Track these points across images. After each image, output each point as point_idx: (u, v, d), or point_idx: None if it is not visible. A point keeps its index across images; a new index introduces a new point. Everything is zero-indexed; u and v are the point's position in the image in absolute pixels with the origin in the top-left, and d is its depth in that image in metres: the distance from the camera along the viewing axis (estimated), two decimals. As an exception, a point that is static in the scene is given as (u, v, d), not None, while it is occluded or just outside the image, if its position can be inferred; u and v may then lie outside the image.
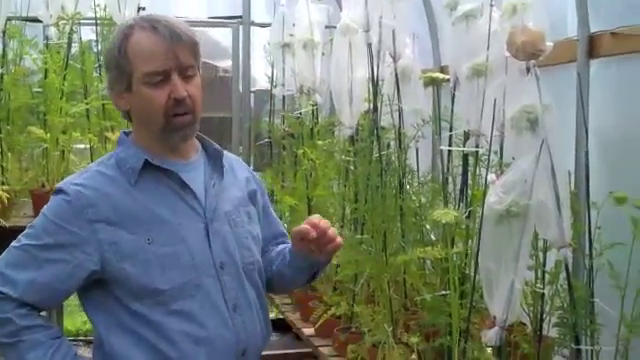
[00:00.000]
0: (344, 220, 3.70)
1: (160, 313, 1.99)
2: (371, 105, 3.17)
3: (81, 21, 4.54)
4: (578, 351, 2.29)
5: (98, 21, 4.55)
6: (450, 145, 2.84)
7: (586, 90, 2.66)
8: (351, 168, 3.54)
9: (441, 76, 2.65)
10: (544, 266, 2.55)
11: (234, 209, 2.16)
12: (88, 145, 4.46)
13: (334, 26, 3.45)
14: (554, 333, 2.48)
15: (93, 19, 4.56)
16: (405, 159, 3.20)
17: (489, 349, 2.43)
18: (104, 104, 4.41)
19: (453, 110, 2.85)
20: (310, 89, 4.24)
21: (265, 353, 2.25)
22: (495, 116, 2.47)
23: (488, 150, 2.58)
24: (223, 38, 5.93)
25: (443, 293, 2.60)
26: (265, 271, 2.26)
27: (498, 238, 2.17)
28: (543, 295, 2.54)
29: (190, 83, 2.02)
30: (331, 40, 3.65)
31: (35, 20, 4.51)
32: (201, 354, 2.01)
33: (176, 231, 2.03)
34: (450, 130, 2.87)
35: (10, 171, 4.40)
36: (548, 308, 2.54)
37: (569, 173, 2.39)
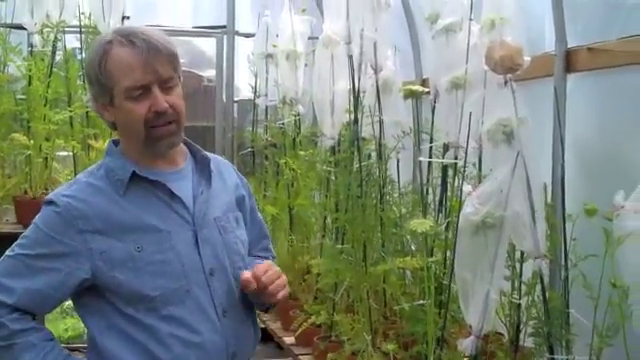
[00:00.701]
0: (325, 230, 3.72)
1: (152, 317, 2.03)
2: (352, 116, 3.20)
3: (65, 29, 4.54)
4: (553, 360, 2.33)
5: (82, 29, 4.55)
6: (430, 157, 2.88)
7: (563, 104, 2.70)
8: (332, 178, 3.57)
9: (420, 89, 2.68)
10: (521, 277, 2.59)
11: (223, 215, 2.20)
12: (71, 152, 4.46)
13: (317, 37, 3.48)
14: (531, 343, 2.51)
15: (77, 27, 4.56)
16: (385, 170, 3.23)
17: (465, 358, 2.46)
18: (88, 112, 4.41)
19: (433, 122, 2.89)
20: (293, 99, 4.27)
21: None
22: (473, 129, 2.51)
23: (464, 162, 2.61)
24: (208, 48, 5.95)
25: (421, 302, 2.63)
26: None
27: (474, 248, 2.20)
28: (519, 305, 2.57)
29: (171, 93, 2.05)
30: (313, 51, 3.68)
31: (20, 27, 4.51)
32: (192, 358, 2.04)
33: (165, 239, 2.06)
34: (430, 142, 2.90)
35: (-7, 178, 4.40)
36: (525, 318, 2.58)
37: (545, 185, 2.44)
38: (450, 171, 2.83)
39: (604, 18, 2.72)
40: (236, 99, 5.74)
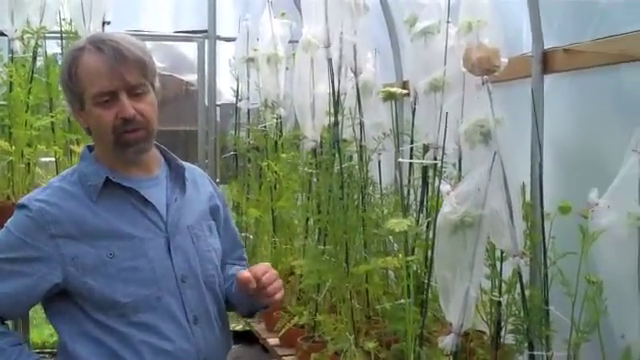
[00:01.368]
0: (307, 231, 3.75)
1: (123, 324, 2.04)
2: (332, 119, 3.23)
3: (46, 35, 4.53)
4: (532, 357, 2.36)
5: (63, 35, 4.55)
6: (411, 158, 2.91)
7: (540, 104, 2.73)
8: (314, 180, 3.59)
9: (399, 91, 2.70)
10: (501, 275, 2.62)
11: (196, 223, 2.21)
12: (54, 158, 4.45)
13: (297, 40, 3.50)
14: (511, 340, 2.54)
15: (58, 33, 4.56)
16: (367, 171, 3.25)
17: (446, 356, 2.49)
18: (69, 117, 4.40)
19: (414, 123, 2.92)
20: (274, 103, 4.29)
21: (232, 366, 2.29)
22: (452, 130, 2.54)
23: (441, 162, 2.64)
24: (189, 52, 5.95)
25: (402, 302, 2.66)
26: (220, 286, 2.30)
27: (453, 247, 2.23)
28: (500, 303, 2.61)
29: (141, 101, 2.06)
30: (294, 55, 3.70)
31: (0, 34, 4.51)
32: None
33: (137, 246, 2.07)
34: (411, 143, 2.93)
35: (-25, 184, 4.39)
36: (505, 316, 2.61)
37: (523, 184, 2.47)
38: (430, 172, 2.86)
39: (578, 18, 2.75)
40: (218, 103, 5.75)
